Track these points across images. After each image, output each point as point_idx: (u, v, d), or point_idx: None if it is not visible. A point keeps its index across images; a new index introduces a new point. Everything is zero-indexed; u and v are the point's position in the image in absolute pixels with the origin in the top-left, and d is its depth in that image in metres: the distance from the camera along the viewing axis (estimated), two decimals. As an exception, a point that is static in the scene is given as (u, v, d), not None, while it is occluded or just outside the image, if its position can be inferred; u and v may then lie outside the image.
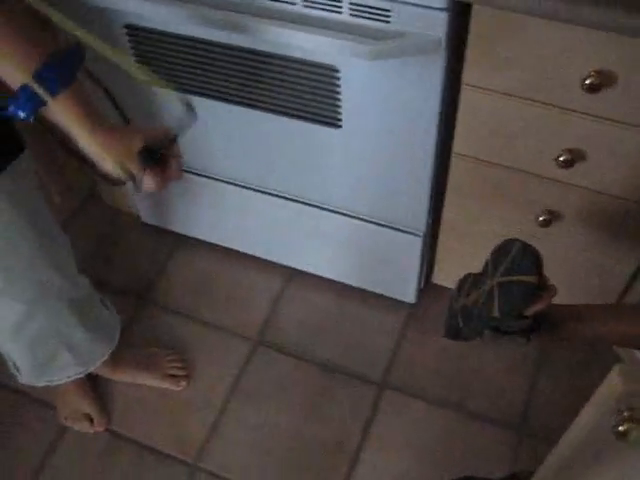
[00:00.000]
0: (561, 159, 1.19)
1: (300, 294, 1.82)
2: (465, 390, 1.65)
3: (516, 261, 0.96)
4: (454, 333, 1.09)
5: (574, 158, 1.19)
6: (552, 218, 1.33)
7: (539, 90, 1.14)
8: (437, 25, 1.09)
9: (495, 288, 0.97)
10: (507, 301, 0.96)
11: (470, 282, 1.05)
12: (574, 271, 1.47)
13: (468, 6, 1.07)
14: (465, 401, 1.63)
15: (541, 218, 1.33)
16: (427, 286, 1.73)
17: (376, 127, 1.31)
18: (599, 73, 1.06)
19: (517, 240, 0.98)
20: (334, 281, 1.79)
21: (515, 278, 0.96)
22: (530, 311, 0.97)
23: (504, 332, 1.03)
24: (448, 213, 1.46)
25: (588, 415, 0.80)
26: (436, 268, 1.65)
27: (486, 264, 1.03)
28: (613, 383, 0.73)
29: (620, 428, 0.76)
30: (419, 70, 1.17)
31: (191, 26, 1.26)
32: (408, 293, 1.70)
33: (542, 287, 0.96)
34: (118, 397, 1.67)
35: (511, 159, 1.27)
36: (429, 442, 1.58)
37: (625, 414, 0.76)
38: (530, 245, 0.97)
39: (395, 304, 1.75)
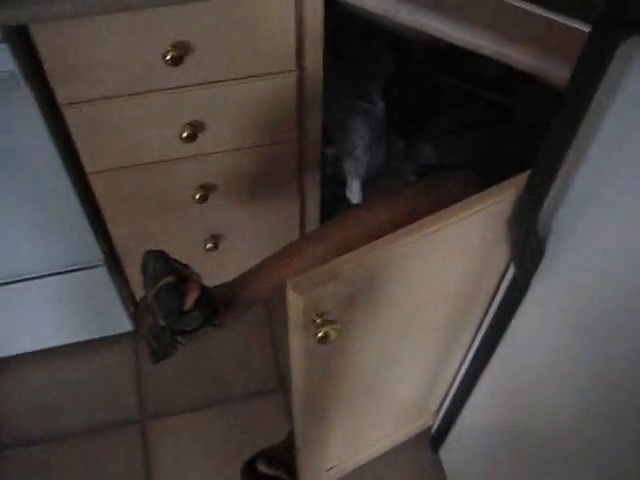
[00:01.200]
0: (184, 136, 1.23)
1: (24, 378, 1.68)
2: (218, 382, 1.67)
3: (155, 269, 1.07)
4: (158, 356, 1.15)
5: (196, 130, 1.24)
6: (208, 192, 1.38)
7: (133, 82, 1.15)
8: (2, 59, 1.05)
9: (153, 301, 1.06)
10: (162, 307, 1.05)
11: (144, 305, 1.10)
12: (253, 229, 1.54)
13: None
14: (223, 392, 1.65)
15: (197, 196, 1.37)
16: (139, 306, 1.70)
17: (6, 184, 1.24)
18: (176, 46, 1.10)
19: (147, 251, 1.10)
20: (53, 348, 1.67)
21: (160, 284, 1.05)
22: (188, 304, 1.05)
23: (192, 330, 1.10)
24: (116, 231, 1.43)
25: (294, 342, 0.85)
26: (134, 287, 1.63)
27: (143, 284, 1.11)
28: (293, 301, 0.79)
29: (319, 335, 0.82)
30: (11, 106, 1.11)
31: None
32: (124, 323, 1.65)
33: (185, 278, 1.07)
34: None
35: (143, 156, 1.28)
36: (212, 445, 1.58)
37: (318, 321, 0.82)
38: (156, 250, 1.10)
39: (119, 339, 1.70)
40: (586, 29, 0.97)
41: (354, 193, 1.57)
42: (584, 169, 0.80)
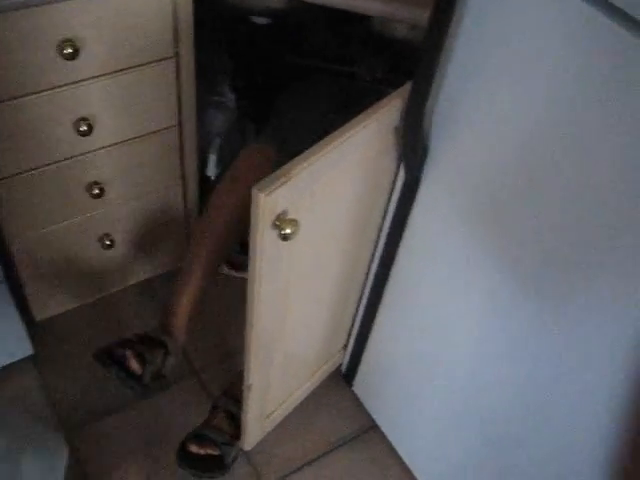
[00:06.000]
0: (81, 130, 1.32)
1: None
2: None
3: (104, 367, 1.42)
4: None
5: (91, 123, 1.33)
6: (103, 187, 1.46)
7: (26, 82, 1.23)
8: None
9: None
10: (127, 387, 1.40)
11: None
12: (143, 219, 1.64)
13: None
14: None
15: (95, 192, 1.45)
16: (34, 327, 1.69)
17: None
18: (70, 40, 1.20)
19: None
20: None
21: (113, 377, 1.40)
22: (135, 371, 1.38)
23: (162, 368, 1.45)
24: (15, 243, 1.45)
25: (260, 244, 0.99)
26: (32, 306, 1.64)
27: None
28: (261, 201, 0.93)
29: (284, 232, 0.98)
30: None
31: None
32: (25, 347, 1.64)
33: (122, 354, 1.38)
34: None
35: (44, 156, 1.34)
36: (142, 441, 1.61)
37: (280, 223, 0.98)
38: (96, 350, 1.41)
39: (19, 365, 1.67)
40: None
41: (211, 169, 1.74)
42: (451, 71, 1.04)
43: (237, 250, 1.79)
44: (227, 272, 1.85)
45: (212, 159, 1.74)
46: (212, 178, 1.78)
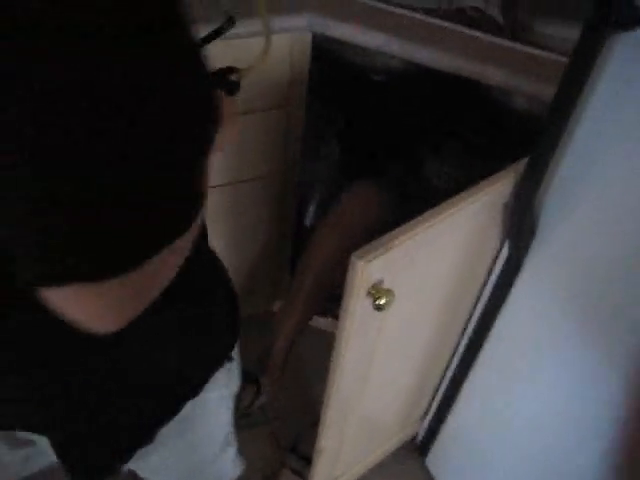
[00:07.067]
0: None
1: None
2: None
3: None
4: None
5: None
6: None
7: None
8: None
9: None
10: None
11: None
12: (235, 266, 1.63)
13: None
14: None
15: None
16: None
17: None
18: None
19: None
20: None
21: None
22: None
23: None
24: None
25: (352, 310, 0.96)
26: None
27: None
28: (359, 269, 0.91)
29: (378, 303, 0.94)
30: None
31: None
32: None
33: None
34: None
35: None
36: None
37: (375, 292, 0.95)
38: None
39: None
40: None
41: (309, 219, 1.74)
42: (569, 154, 0.99)
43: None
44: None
45: (311, 209, 1.74)
46: (309, 228, 1.78)
